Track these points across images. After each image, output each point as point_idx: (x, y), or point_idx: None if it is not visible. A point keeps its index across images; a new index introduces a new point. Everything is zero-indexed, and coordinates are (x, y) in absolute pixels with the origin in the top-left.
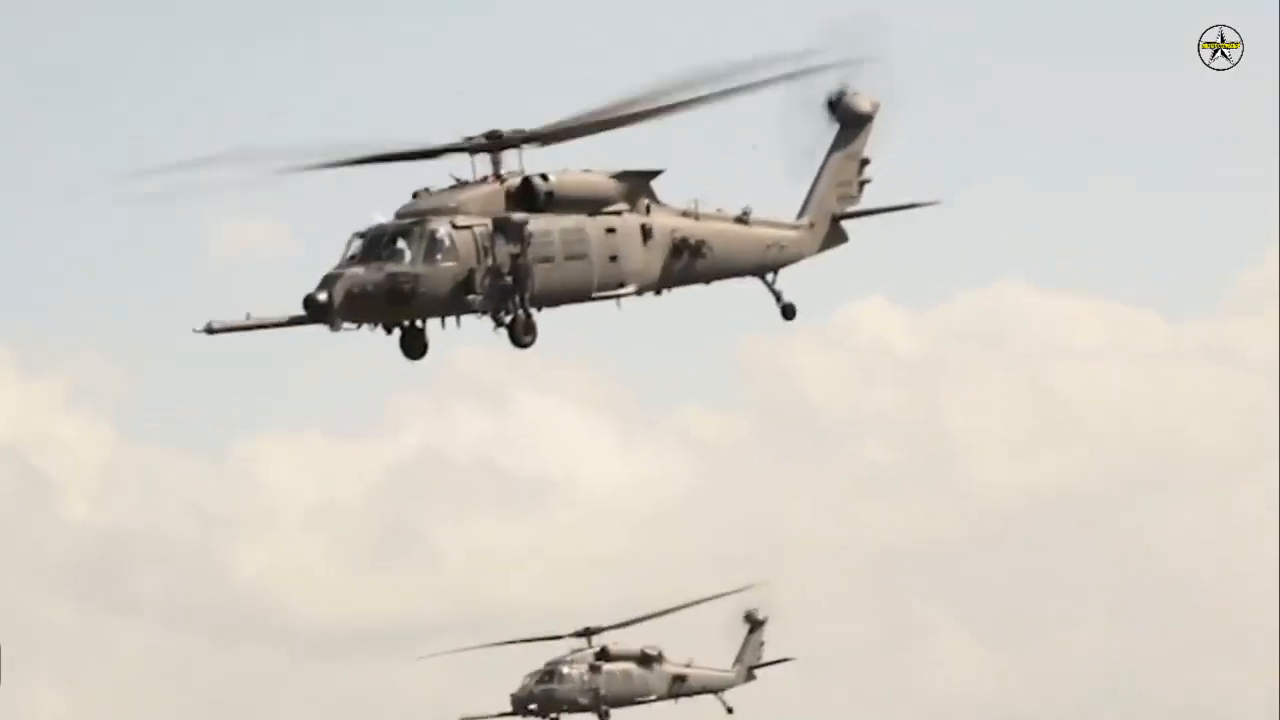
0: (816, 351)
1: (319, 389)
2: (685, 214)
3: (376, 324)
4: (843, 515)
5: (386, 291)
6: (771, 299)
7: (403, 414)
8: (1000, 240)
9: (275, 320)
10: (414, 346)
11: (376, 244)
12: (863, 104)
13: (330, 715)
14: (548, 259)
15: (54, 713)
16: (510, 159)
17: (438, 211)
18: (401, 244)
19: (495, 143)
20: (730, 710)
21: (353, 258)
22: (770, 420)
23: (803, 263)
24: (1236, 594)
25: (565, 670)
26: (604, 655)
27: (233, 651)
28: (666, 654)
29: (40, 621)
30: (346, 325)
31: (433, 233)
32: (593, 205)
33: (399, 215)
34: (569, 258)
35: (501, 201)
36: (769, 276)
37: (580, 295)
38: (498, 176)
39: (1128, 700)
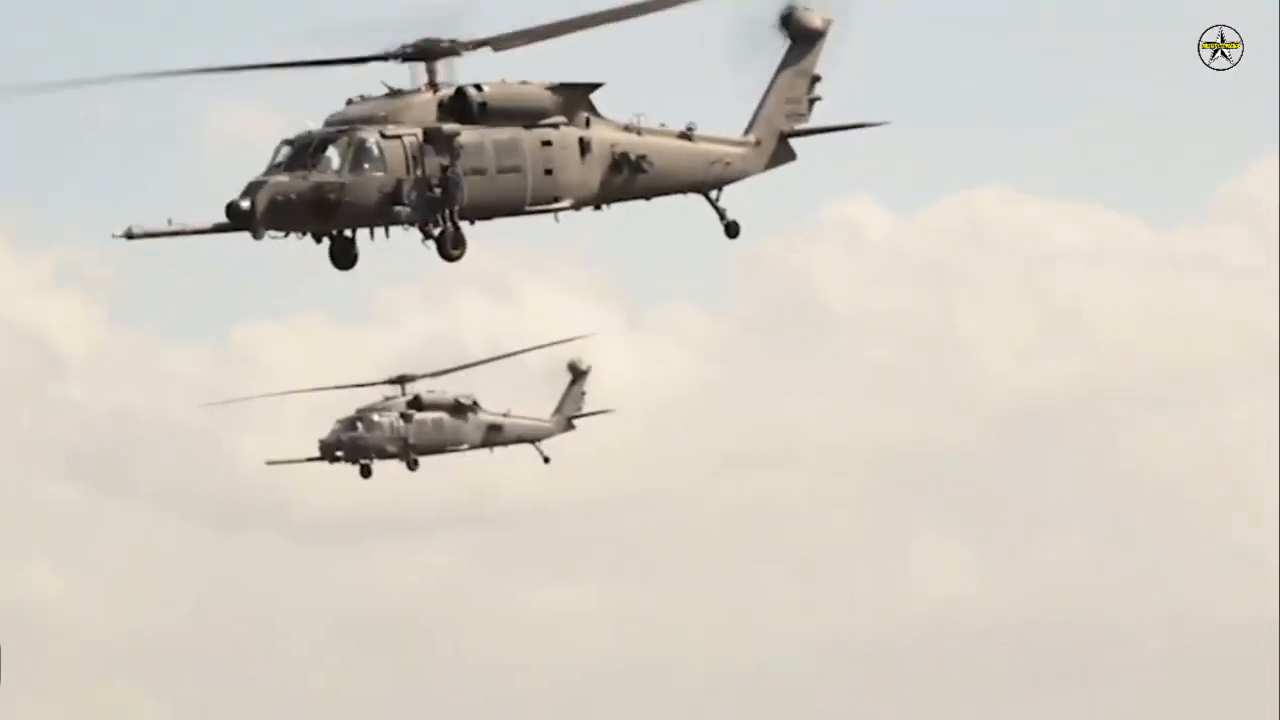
0: (804, 249)
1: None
2: (627, 129)
3: (302, 233)
4: (835, 413)
5: (311, 200)
6: (715, 216)
7: None
8: (976, 148)
9: (198, 227)
10: (343, 256)
11: (303, 151)
12: (814, 20)
13: None
14: (479, 171)
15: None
16: (445, 69)
17: (368, 120)
18: (329, 152)
19: (430, 51)
20: (547, 460)
21: (279, 165)
22: (761, 317)
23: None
24: (1228, 503)
25: (375, 417)
26: (416, 404)
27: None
28: (483, 404)
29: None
30: (270, 233)
31: (361, 141)
32: (528, 117)
33: (329, 123)
34: (502, 170)
35: (434, 112)
36: (713, 193)
37: (513, 209)
38: (432, 85)
39: (1117, 608)
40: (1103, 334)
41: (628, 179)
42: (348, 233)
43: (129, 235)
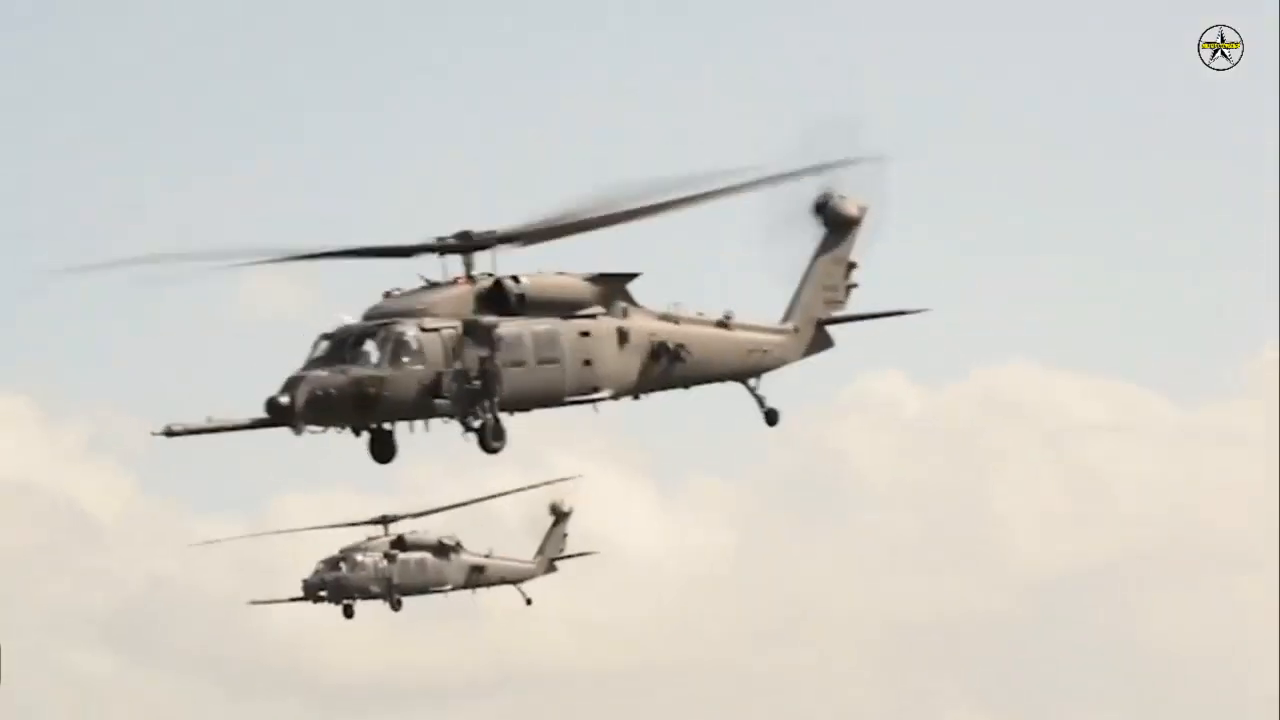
0: (836, 423)
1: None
2: (664, 317)
3: (342, 427)
4: (860, 584)
5: (351, 395)
6: (754, 403)
7: None
8: (1005, 325)
9: (237, 423)
10: (383, 450)
11: (342, 346)
12: (850, 207)
13: None
14: (519, 363)
15: None
16: (482, 260)
17: (406, 313)
18: (368, 346)
19: (466, 243)
20: (529, 601)
21: (318, 359)
22: (790, 490)
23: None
24: (1244, 681)
25: (359, 557)
26: (399, 544)
27: None
28: (465, 545)
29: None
30: (310, 428)
31: (400, 335)
32: (566, 308)
33: (367, 316)
34: (541, 361)
35: (472, 303)
36: (751, 381)
37: (552, 400)
38: (469, 278)
39: None
40: (1129, 507)
41: (666, 368)
42: (387, 425)
43: (169, 433)
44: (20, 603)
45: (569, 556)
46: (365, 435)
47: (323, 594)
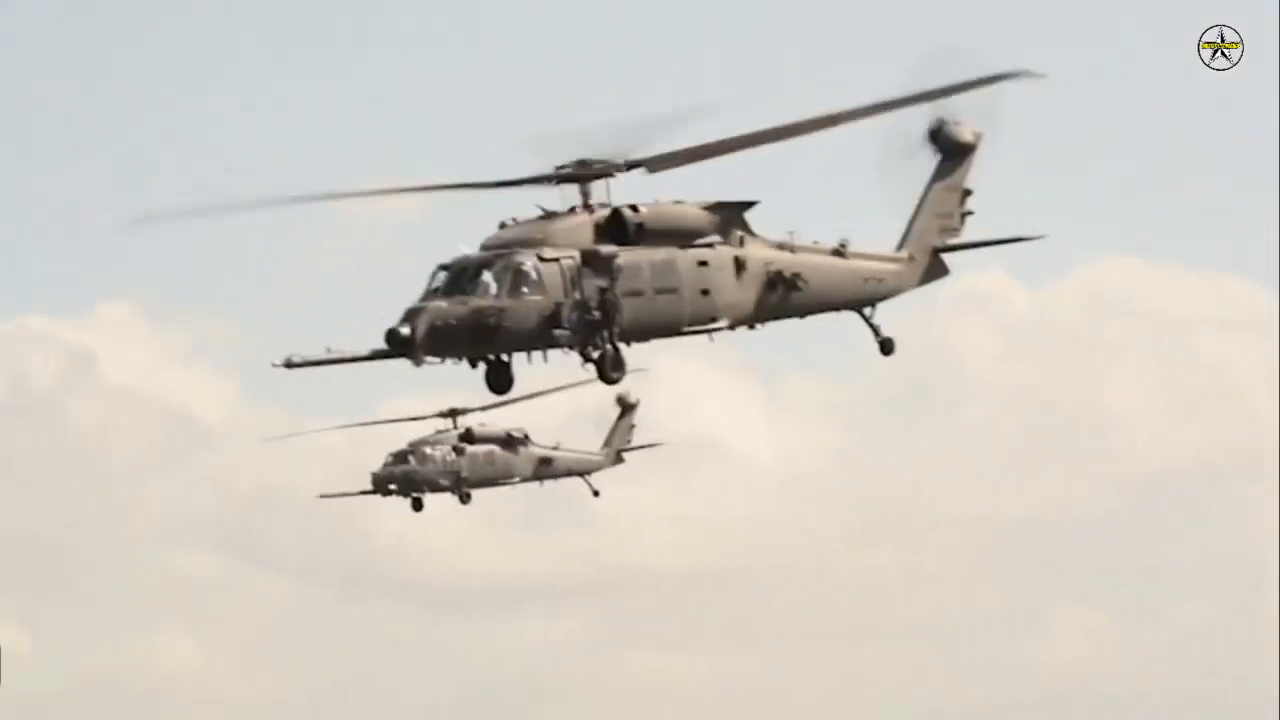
0: (941, 318)
1: None
2: (780, 246)
3: (460, 358)
4: (971, 485)
5: (470, 326)
6: (869, 333)
7: None
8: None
9: (356, 354)
10: (500, 380)
11: (461, 277)
12: (964, 134)
13: None
14: (637, 292)
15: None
16: (599, 190)
17: (524, 243)
18: (486, 277)
19: (583, 172)
20: (596, 493)
21: (436, 290)
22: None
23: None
24: None
25: (427, 450)
26: (468, 437)
27: None
28: (533, 436)
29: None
30: (429, 359)
31: (519, 265)
32: (684, 237)
33: (485, 247)
34: (659, 291)
35: (590, 233)
36: (866, 310)
37: (670, 330)
38: (586, 207)
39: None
40: (1236, 402)
41: (782, 297)
42: (504, 356)
43: (288, 364)
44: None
45: (637, 448)
46: (482, 365)
47: (392, 487)
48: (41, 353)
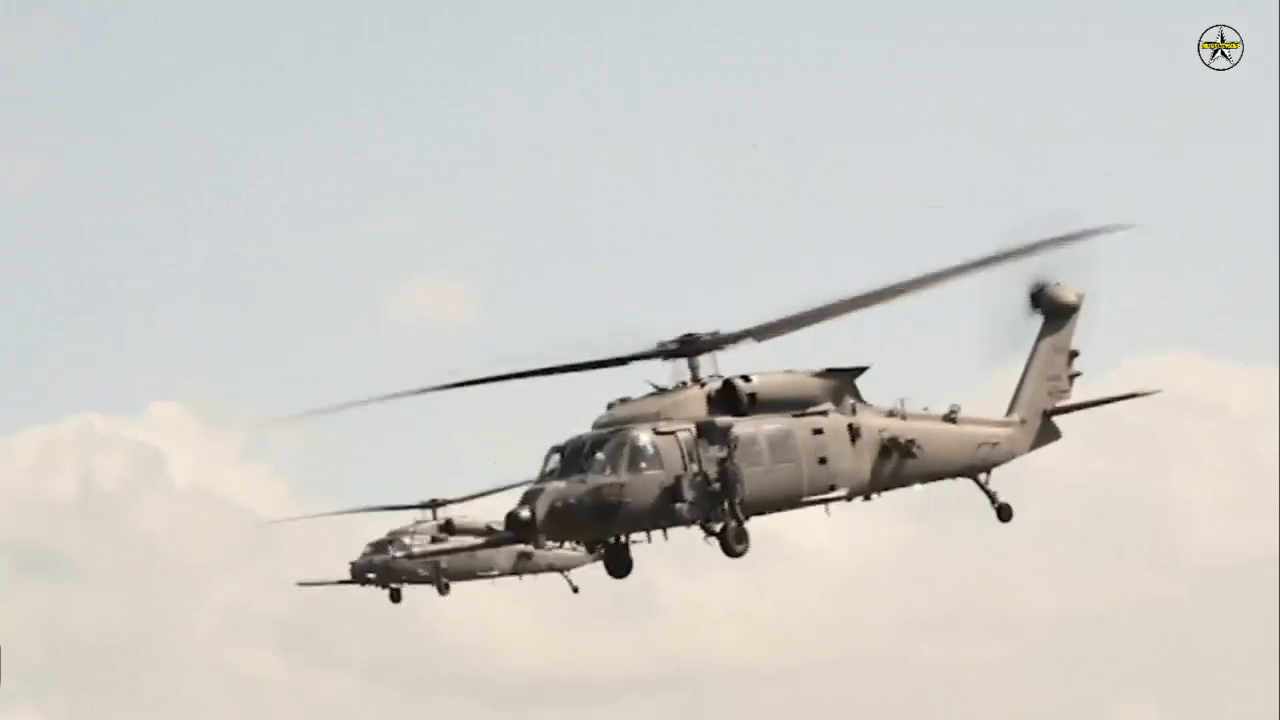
0: None
1: None
2: (892, 413)
3: (581, 540)
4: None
5: (592, 505)
6: (986, 499)
7: None
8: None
9: (476, 541)
10: (619, 563)
11: (577, 456)
12: (1067, 295)
13: None
14: (755, 463)
15: None
16: (706, 363)
17: (638, 419)
18: (603, 454)
19: (690, 346)
20: (575, 589)
21: (552, 472)
22: None
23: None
24: None
25: (407, 540)
26: (448, 528)
27: None
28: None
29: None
30: (550, 544)
31: (635, 440)
32: (797, 405)
33: (597, 426)
34: (777, 461)
35: (703, 406)
36: (981, 477)
37: (790, 500)
38: (696, 380)
39: None
40: None
41: (897, 465)
42: (623, 538)
43: (409, 556)
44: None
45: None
46: (602, 550)
47: (370, 576)
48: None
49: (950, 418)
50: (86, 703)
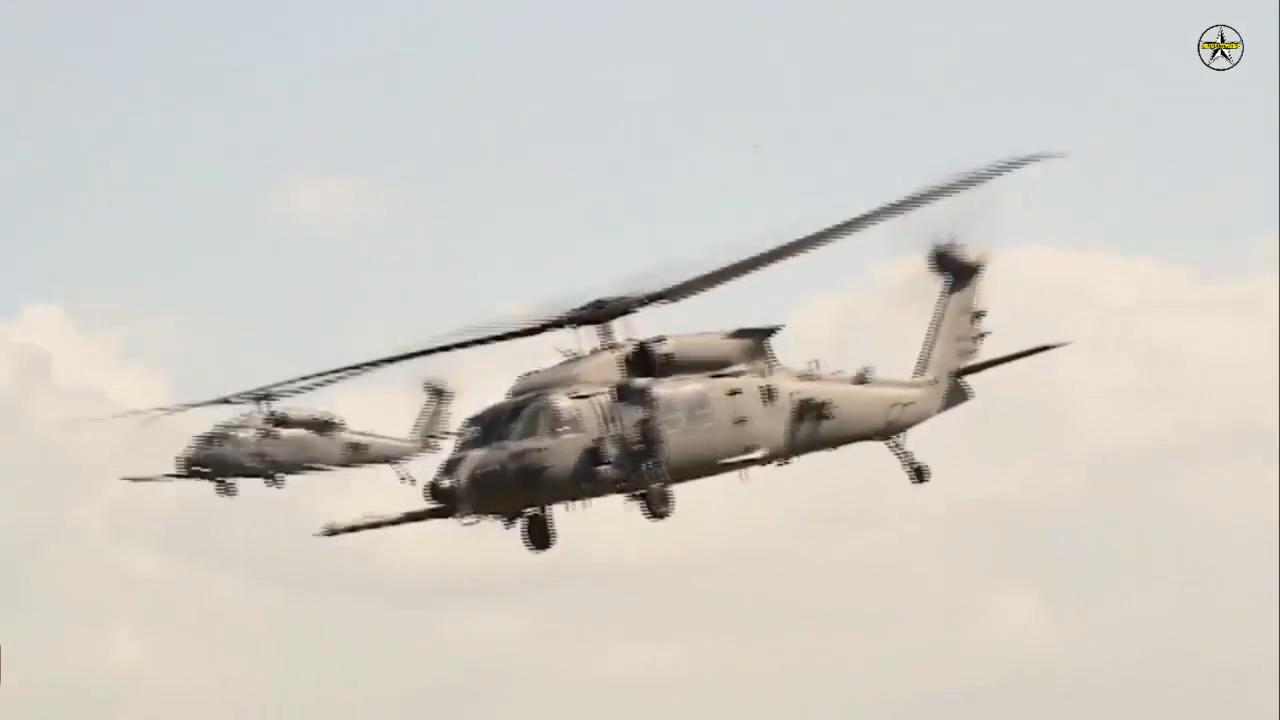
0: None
1: None
2: (805, 375)
3: (503, 510)
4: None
5: (515, 470)
6: (900, 463)
7: None
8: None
9: (393, 517)
10: (541, 536)
11: (496, 424)
12: (970, 254)
13: None
14: (674, 424)
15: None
16: (618, 329)
17: (553, 386)
18: (522, 421)
19: (601, 312)
20: (406, 480)
21: (471, 442)
22: None
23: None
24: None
25: (236, 433)
26: (278, 420)
27: None
28: (346, 422)
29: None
30: (471, 516)
31: (553, 405)
32: (711, 367)
33: (511, 394)
34: (695, 422)
35: (617, 370)
36: (895, 439)
37: (709, 463)
38: (609, 346)
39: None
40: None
41: (813, 427)
42: (546, 510)
43: (330, 532)
44: None
45: (450, 434)
46: (521, 522)
47: (200, 470)
48: None
49: (862, 379)
50: None
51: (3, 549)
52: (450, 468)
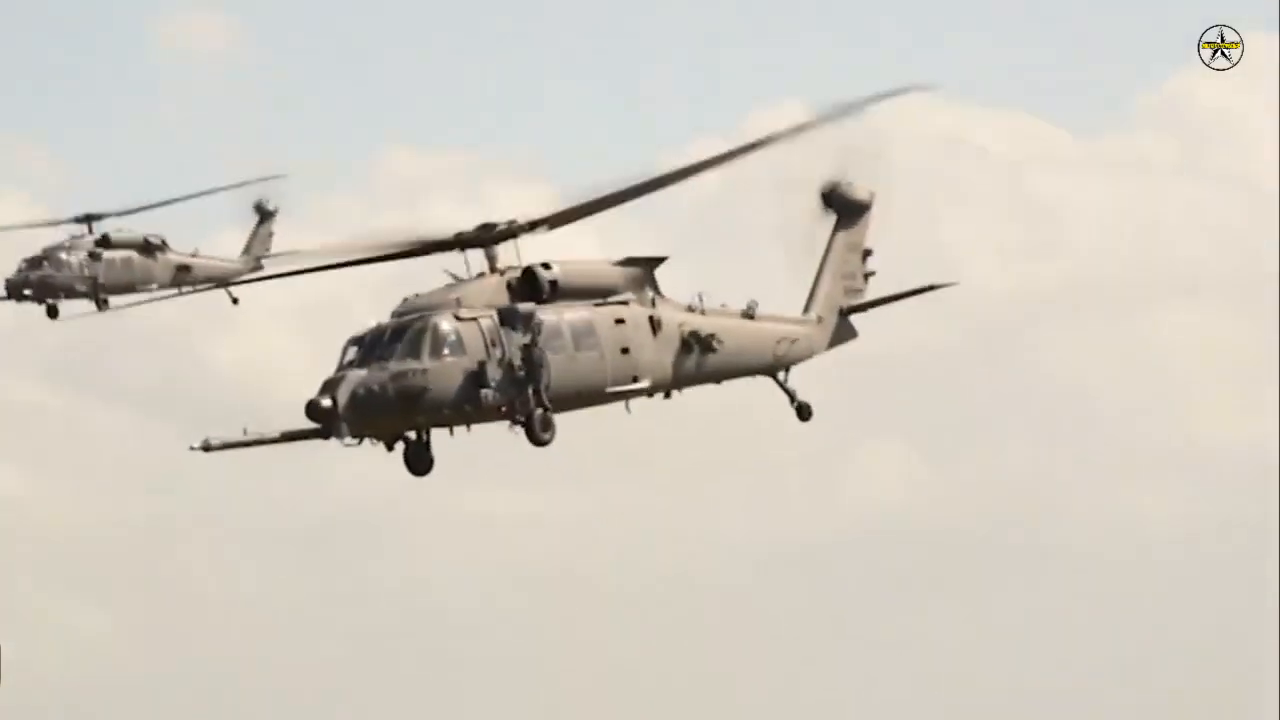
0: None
1: None
2: (691, 308)
3: (383, 432)
4: None
5: (395, 392)
6: (785, 398)
7: None
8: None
9: (274, 435)
10: (420, 461)
11: (376, 344)
12: (859, 193)
13: None
14: (559, 350)
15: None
16: (505, 253)
17: (437, 308)
18: (404, 342)
19: (488, 235)
20: (235, 301)
21: (351, 363)
22: None
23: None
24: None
25: (62, 256)
26: (104, 242)
27: None
28: (172, 243)
29: None
30: (350, 439)
31: (437, 327)
32: (598, 294)
33: (396, 315)
34: (580, 349)
35: (503, 294)
36: (780, 375)
37: (593, 392)
38: (495, 269)
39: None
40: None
41: (698, 360)
42: (425, 435)
43: (206, 448)
44: None
45: (276, 255)
46: (400, 445)
47: (27, 293)
48: None
49: (749, 314)
50: None
51: None
52: (329, 387)
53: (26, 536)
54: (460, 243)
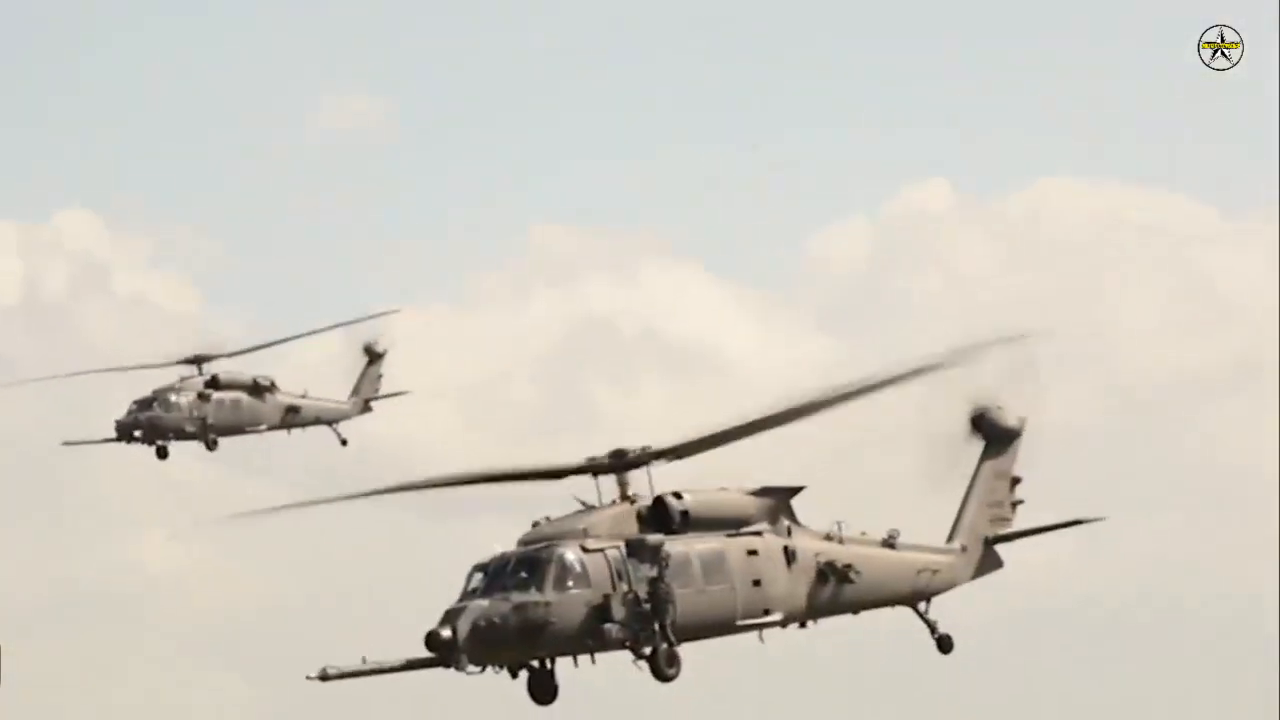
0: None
1: None
2: (828, 537)
3: (504, 663)
4: None
5: (516, 624)
6: (925, 629)
7: None
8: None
9: (393, 664)
10: (544, 690)
11: (500, 574)
12: (1009, 419)
13: None
14: (687, 583)
15: None
16: (637, 480)
17: (565, 536)
18: (528, 572)
19: (620, 462)
20: (344, 442)
21: (474, 591)
22: None
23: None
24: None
25: (172, 397)
26: (214, 383)
27: None
28: (280, 384)
29: None
30: (472, 667)
31: (562, 557)
32: (730, 525)
33: (522, 543)
34: (710, 582)
35: (633, 523)
36: (921, 606)
37: (722, 625)
38: (625, 497)
39: None
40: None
41: (834, 590)
42: (548, 664)
43: (323, 677)
44: None
45: (385, 396)
46: (524, 674)
47: (136, 434)
48: None
49: (889, 543)
50: None
51: None
52: (449, 617)
53: None
54: (592, 468)
